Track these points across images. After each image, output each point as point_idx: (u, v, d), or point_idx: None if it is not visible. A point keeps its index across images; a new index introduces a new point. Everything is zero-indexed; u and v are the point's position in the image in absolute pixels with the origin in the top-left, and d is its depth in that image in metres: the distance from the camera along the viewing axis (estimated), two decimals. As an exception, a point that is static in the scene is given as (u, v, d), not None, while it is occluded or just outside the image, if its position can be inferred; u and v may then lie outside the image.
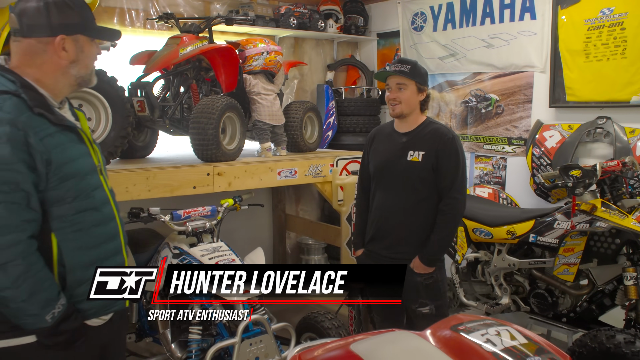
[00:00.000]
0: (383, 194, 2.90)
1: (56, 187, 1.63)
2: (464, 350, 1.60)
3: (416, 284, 2.82)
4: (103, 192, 1.81)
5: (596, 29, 3.84)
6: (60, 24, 1.67)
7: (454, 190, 2.77)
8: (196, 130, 3.45)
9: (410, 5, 5.23)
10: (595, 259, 3.16)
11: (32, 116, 1.58)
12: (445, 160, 2.74)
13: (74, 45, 1.70)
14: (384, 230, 2.89)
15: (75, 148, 1.71)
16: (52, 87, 1.72)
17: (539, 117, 4.25)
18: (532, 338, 1.69)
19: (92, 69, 1.80)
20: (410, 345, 1.56)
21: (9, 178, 1.53)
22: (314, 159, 4.10)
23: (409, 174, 2.80)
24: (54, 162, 1.61)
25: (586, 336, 2.76)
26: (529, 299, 3.51)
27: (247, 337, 2.86)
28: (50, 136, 1.62)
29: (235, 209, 3.60)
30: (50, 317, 1.59)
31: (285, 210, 5.52)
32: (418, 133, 2.82)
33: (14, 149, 1.52)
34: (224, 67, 3.82)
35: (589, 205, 3.08)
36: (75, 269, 1.70)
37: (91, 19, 1.76)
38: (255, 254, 3.44)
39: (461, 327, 1.72)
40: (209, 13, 4.81)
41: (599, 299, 3.24)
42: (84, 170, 1.72)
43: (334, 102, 5.49)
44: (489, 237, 3.59)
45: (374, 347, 1.53)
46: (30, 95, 1.62)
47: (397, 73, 2.75)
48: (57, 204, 1.64)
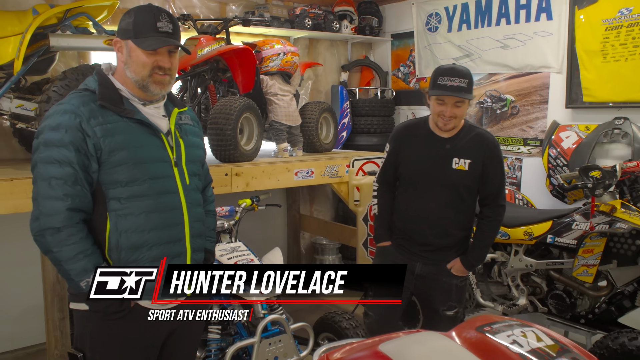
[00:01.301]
0: (423, 202, 2.76)
1: (110, 170, 1.81)
2: (490, 351, 1.60)
3: (450, 287, 2.78)
4: (169, 182, 1.94)
5: (614, 29, 3.82)
6: (120, 28, 1.88)
7: (501, 198, 2.73)
8: (214, 131, 3.47)
9: (424, 6, 5.23)
10: (615, 260, 3.15)
11: (94, 108, 1.80)
12: (492, 168, 2.68)
13: (125, 48, 1.87)
14: (426, 237, 2.77)
15: (138, 138, 1.87)
16: (126, 84, 1.90)
17: (555, 118, 4.23)
18: (558, 339, 1.68)
19: (145, 76, 1.86)
20: (438, 345, 1.57)
21: (60, 156, 1.74)
22: (330, 160, 4.11)
23: (454, 183, 2.69)
24: (104, 147, 1.79)
25: (607, 338, 2.75)
26: (547, 300, 3.50)
27: (266, 337, 2.88)
28: (108, 124, 1.81)
29: (253, 209, 3.62)
30: (84, 284, 1.76)
31: (299, 210, 5.54)
32: (461, 139, 2.69)
33: (67, 133, 1.74)
34: (241, 68, 3.85)
35: (608, 206, 3.06)
36: (121, 249, 1.84)
37: (145, 27, 1.84)
38: (273, 254, 3.45)
39: (487, 328, 1.72)
40: (224, 14, 4.84)
41: (619, 301, 3.22)
42: (140, 158, 1.86)
43: (349, 103, 5.51)
44: (506, 237, 3.58)
45: (403, 347, 1.53)
46: (102, 90, 1.84)
47: (458, 93, 2.53)
48: (111, 186, 1.82)
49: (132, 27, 1.83)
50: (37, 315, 3.58)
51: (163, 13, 1.88)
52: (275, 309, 3.18)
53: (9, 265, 3.95)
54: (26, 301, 3.85)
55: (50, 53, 3.29)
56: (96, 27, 3.35)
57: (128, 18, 1.86)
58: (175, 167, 1.96)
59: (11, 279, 3.96)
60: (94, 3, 3.32)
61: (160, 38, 1.85)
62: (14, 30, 3.01)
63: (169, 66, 1.90)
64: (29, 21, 2.98)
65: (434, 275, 2.79)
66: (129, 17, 1.86)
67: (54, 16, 3.09)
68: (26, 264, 3.54)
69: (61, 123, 1.75)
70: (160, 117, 1.97)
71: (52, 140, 1.75)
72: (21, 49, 2.91)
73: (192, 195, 2.03)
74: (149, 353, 1.98)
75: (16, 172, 2.96)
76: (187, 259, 1.99)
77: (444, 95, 2.56)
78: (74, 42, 3.17)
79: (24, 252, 3.73)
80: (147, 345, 1.96)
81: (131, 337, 1.89)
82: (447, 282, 2.77)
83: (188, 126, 2.09)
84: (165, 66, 1.88)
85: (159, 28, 1.85)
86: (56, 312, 2.94)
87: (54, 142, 1.74)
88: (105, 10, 3.42)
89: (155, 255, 1.88)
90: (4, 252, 3.94)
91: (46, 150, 1.75)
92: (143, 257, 1.86)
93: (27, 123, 3.21)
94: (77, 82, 2.93)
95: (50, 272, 2.90)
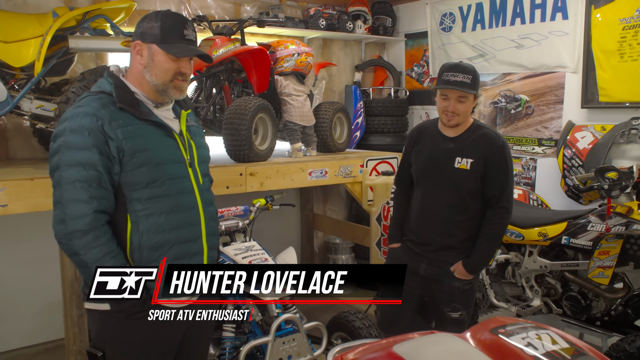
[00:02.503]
0: (427, 200, 2.81)
1: (131, 171, 1.84)
2: (505, 353, 1.60)
3: (453, 289, 2.78)
4: (185, 183, 1.98)
5: (631, 28, 3.79)
6: (142, 32, 1.89)
7: (504, 201, 2.69)
8: (229, 131, 3.50)
9: (438, 5, 5.22)
10: (631, 262, 3.13)
11: (113, 110, 1.83)
12: (494, 169, 2.65)
13: (147, 52, 1.88)
14: (429, 236, 2.80)
15: (156, 140, 1.91)
16: (141, 87, 1.93)
17: (570, 118, 4.21)
18: (573, 342, 1.67)
19: (167, 81, 1.90)
20: (452, 347, 1.57)
21: (84, 159, 1.76)
22: (344, 160, 4.13)
23: (456, 182, 2.70)
24: (127, 149, 1.82)
25: (624, 341, 2.73)
26: (561, 301, 3.48)
27: (280, 336, 2.91)
28: (130, 126, 1.84)
29: (267, 208, 3.65)
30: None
31: (313, 209, 5.57)
32: (466, 138, 2.71)
33: (90, 135, 1.77)
34: (256, 68, 3.88)
35: (624, 208, 3.04)
36: (142, 249, 1.88)
37: (172, 34, 1.88)
38: (287, 254, 3.48)
39: (501, 330, 1.72)
40: (239, 15, 4.87)
41: (635, 303, 3.20)
42: (159, 159, 1.90)
43: (362, 103, 5.52)
44: (520, 238, 3.57)
45: (417, 348, 1.54)
46: (119, 93, 1.86)
47: (460, 85, 2.57)
48: (133, 188, 1.85)
49: (158, 32, 1.86)
50: (55, 311, 3.65)
51: (188, 22, 1.94)
52: (289, 308, 3.20)
53: (28, 262, 4.03)
54: (45, 297, 3.93)
55: (69, 54, 3.35)
56: (114, 29, 3.41)
57: (153, 22, 1.87)
58: (189, 168, 2.01)
59: (31, 275, 4.04)
60: (112, 5, 3.38)
61: (188, 46, 1.90)
62: (35, 32, 3.08)
63: (190, 72, 1.97)
64: (49, 24, 3.04)
65: (437, 277, 2.80)
66: (153, 22, 1.87)
67: (73, 18, 3.15)
68: (45, 261, 3.61)
69: (83, 125, 1.77)
70: (172, 119, 2.02)
71: (75, 143, 1.76)
72: (41, 51, 2.97)
73: (205, 194, 2.08)
74: (167, 352, 2.01)
75: (36, 172, 3.01)
76: (204, 257, 2.03)
77: (447, 90, 2.60)
78: (92, 44, 3.23)
79: (43, 249, 3.80)
80: (166, 344, 1.99)
81: (150, 338, 1.92)
82: (449, 284, 2.77)
83: (194, 127, 2.14)
84: (187, 72, 1.93)
85: (186, 36, 1.90)
86: (74, 309, 2.99)
87: (76, 144, 1.76)
88: (122, 12, 3.48)
89: (175, 254, 1.92)
90: (23, 249, 4.02)
91: (69, 153, 1.77)
92: (164, 256, 1.90)
93: (47, 123, 3.27)
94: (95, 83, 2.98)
95: (69, 270, 2.95)
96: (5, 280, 4.01)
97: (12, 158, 3.90)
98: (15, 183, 2.70)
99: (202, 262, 2.03)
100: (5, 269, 4.00)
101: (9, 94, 3.06)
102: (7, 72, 3.14)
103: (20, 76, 3.23)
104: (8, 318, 4.06)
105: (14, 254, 4.01)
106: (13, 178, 2.73)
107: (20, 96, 3.09)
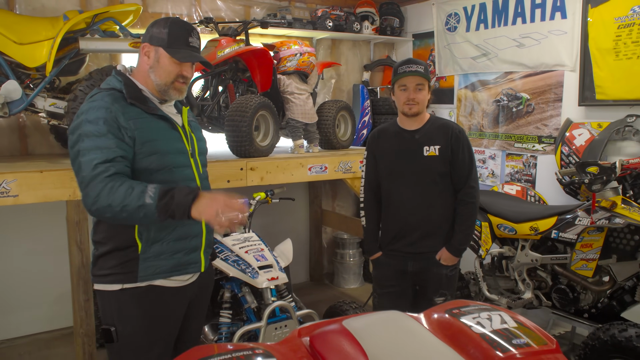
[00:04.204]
0: (401, 192, 2.98)
1: (142, 159, 2.02)
2: (454, 331, 1.70)
3: (440, 276, 2.95)
4: (187, 171, 2.18)
5: (626, 27, 3.82)
6: (151, 35, 2.09)
7: (471, 180, 2.93)
8: (231, 127, 3.67)
9: (444, 6, 5.31)
10: (614, 255, 3.19)
11: (125, 105, 2.02)
12: (460, 152, 2.89)
13: (153, 54, 2.08)
14: (410, 225, 2.97)
15: (161, 131, 2.10)
16: (147, 85, 2.12)
17: (568, 116, 4.26)
18: (523, 323, 1.76)
19: (169, 82, 2.11)
20: (399, 325, 1.68)
21: (102, 144, 1.92)
22: (344, 156, 4.26)
23: (428, 169, 2.90)
24: (138, 138, 2.00)
25: (599, 330, 2.82)
26: (551, 294, 3.56)
27: (273, 322, 3.06)
28: (140, 119, 2.03)
29: (267, 201, 3.82)
30: (150, 197, 1.86)
31: (321, 205, 5.72)
32: (428, 129, 2.94)
33: (106, 124, 1.94)
34: (259, 68, 4.04)
35: (609, 202, 3.11)
36: (150, 229, 2.06)
37: (178, 40, 2.08)
38: (284, 245, 3.65)
39: (455, 310, 1.83)
40: (249, 17, 5.05)
41: (620, 295, 3.26)
42: (166, 149, 2.09)
43: (369, 102, 5.63)
44: (513, 233, 3.65)
45: (364, 324, 1.66)
46: (128, 90, 2.06)
47: (416, 74, 2.81)
48: (144, 174, 2.03)
49: (165, 37, 2.06)
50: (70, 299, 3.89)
51: (194, 30, 2.15)
52: (284, 296, 3.36)
53: (44, 253, 4.29)
54: (62, 286, 4.16)
55: (80, 55, 3.56)
56: (122, 31, 3.61)
57: (162, 28, 2.07)
58: (191, 158, 2.21)
59: (47, 265, 4.30)
60: (120, 9, 3.59)
61: (192, 53, 2.12)
62: (48, 35, 3.30)
63: (191, 76, 2.19)
64: (60, 26, 3.26)
65: (425, 268, 2.97)
66: (162, 27, 2.07)
67: (83, 21, 3.36)
68: (60, 252, 3.84)
69: (98, 116, 1.94)
70: (175, 114, 2.24)
71: (92, 131, 1.93)
72: (52, 52, 3.19)
73: (204, 183, 2.31)
74: (172, 326, 2.22)
75: (46, 165, 3.23)
76: (202, 238, 2.24)
77: (405, 79, 2.83)
78: (101, 45, 3.44)
79: (57, 241, 4.05)
80: (171, 319, 2.21)
81: (157, 314, 2.13)
82: (437, 272, 2.95)
83: (193, 122, 2.37)
84: (188, 76, 2.16)
85: (190, 43, 2.12)
86: (81, 294, 3.19)
87: (94, 133, 1.93)
88: (130, 15, 3.68)
89: (178, 234, 2.13)
90: (39, 240, 4.28)
91: (88, 140, 1.93)
92: (168, 236, 2.10)
93: (60, 120, 3.50)
94: (102, 81, 3.19)
95: (76, 257, 3.16)
96: (26, 270, 4.28)
97: (30, 153, 4.16)
98: (26, 175, 2.92)
99: (201, 243, 2.23)
100: (26, 258, 4.27)
101: (24, 93, 3.29)
102: (23, 72, 3.37)
103: (35, 76, 3.46)
104: (28, 305, 4.33)
105: (33, 245, 4.27)
106: (24, 170, 2.95)
107: (34, 95, 3.31)
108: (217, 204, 1.85)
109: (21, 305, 4.31)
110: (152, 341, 2.13)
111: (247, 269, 3.12)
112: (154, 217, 1.87)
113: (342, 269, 5.65)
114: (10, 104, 3.23)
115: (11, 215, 4.14)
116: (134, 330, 2.10)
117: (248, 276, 3.09)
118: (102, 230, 2.09)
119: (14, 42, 3.17)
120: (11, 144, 4.10)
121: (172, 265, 2.13)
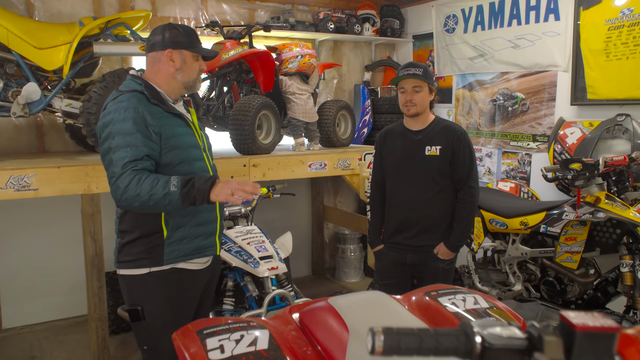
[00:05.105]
0: (404, 188, 3.14)
1: (166, 153, 2.24)
2: (431, 311, 1.89)
3: (437, 269, 3.11)
4: (202, 163, 2.41)
5: (616, 29, 3.97)
6: (170, 41, 2.29)
7: (471, 180, 3.07)
8: (234, 126, 3.87)
9: (443, 8, 5.48)
10: (598, 248, 3.35)
11: (149, 105, 2.22)
12: (460, 153, 3.02)
13: (179, 57, 2.31)
14: (410, 220, 3.13)
15: (180, 128, 2.32)
16: (166, 87, 2.34)
17: (561, 115, 4.41)
18: (495, 304, 1.95)
19: (195, 78, 2.39)
20: (380, 304, 1.85)
21: (132, 142, 2.12)
22: (343, 153, 4.44)
23: (429, 167, 3.06)
24: (163, 134, 2.22)
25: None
26: (540, 286, 3.72)
27: (273, 309, 3.25)
28: (162, 118, 2.24)
29: (269, 197, 4.01)
30: (173, 186, 2.08)
31: (323, 202, 5.90)
32: (432, 130, 3.08)
33: (135, 124, 2.14)
34: (262, 69, 4.24)
35: (593, 198, 3.26)
36: (175, 216, 2.29)
37: (195, 40, 2.35)
38: (285, 237, 3.84)
39: (433, 293, 2.02)
40: (253, 20, 5.25)
41: (604, 287, 3.42)
42: (185, 144, 2.32)
43: (370, 101, 5.81)
44: (504, 227, 3.82)
45: (348, 302, 1.84)
46: (150, 92, 2.26)
47: (413, 76, 2.97)
48: (167, 167, 2.24)
49: (186, 40, 2.30)
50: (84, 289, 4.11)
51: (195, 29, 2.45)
52: (284, 285, 3.55)
53: (61, 245, 4.51)
54: (78, 275, 4.35)
55: (94, 58, 3.79)
56: (133, 35, 3.82)
57: (175, 31, 2.29)
58: (204, 152, 2.45)
59: (64, 255, 4.52)
60: (131, 15, 3.80)
61: (209, 49, 2.44)
62: (64, 39, 3.52)
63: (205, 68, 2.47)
64: (75, 32, 3.48)
65: (424, 261, 3.14)
66: (176, 30, 2.29)
67: (97, 27, 3.57)
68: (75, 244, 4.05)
69: (127, 116, 2.14)
70: (186, 113, 2.47)
71: (123, 129, 2.12)
72: (69, 56, 3.40)
73: (215, 174, 2.56)
74: (192, 305, 2.47)
75: (63, 161, 3.45)
76: (217, 224, 2.50)
77: (404, 82, 3.00)
78: (113, 49, 3.67)
79: (73, 232, 4.26)
80: (192, 299, 2.46)
81: (179, 294, 2.36)
82: (434, 266, 3.11)
83: (199, 122, 2.59)
84: (205, 68, 2.44)
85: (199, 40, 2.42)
86: (95, 282, 3.41)
87: (124, 131, 2.12)
88: (141, 20, 3.89)
89: (197, 220, 2.37)
90: (56, 232, 4.50)
91: (118, 138, 2.12)
92: (190, 222, 2.33)
93: (75, 119, 3.72)
94: (114, 83, 3.41)
95: (90, 247, 3.38)
96: (44, 259, 4.50)
97: (47, 151, 4.39)
98: (45, 170, 3.14)
99: (216, 228, 2.49)
100: (44, 249, 4.49)
101: (42, 94, 3.51)
102: (42, 75, 3.59)
103: (53, 78, 3.68)
104: (46, 293, 4.56)
105: (50, 237, 4.50)
106: (43, 166, 3.17)
107: (52, 96, 3.54)
108: (231, 185, 2.11)
109: (39, 293, 4.55)
110: (176, 319, 2.33)
111: (249, 259, 3.31)
112: (177, 203, 2.09)
113: (343, 263, 5.84)
114: (30, 104, 3.46)
115: (30, 208, 4.38)
116: (159, 308, 2.32)
117: (250, 266, 3.28)
118: (128, 220, 2.30)
119: (34, 47, 3.39)
120: (30, 142, 4.34)
121: (194, 248, 2.36)
